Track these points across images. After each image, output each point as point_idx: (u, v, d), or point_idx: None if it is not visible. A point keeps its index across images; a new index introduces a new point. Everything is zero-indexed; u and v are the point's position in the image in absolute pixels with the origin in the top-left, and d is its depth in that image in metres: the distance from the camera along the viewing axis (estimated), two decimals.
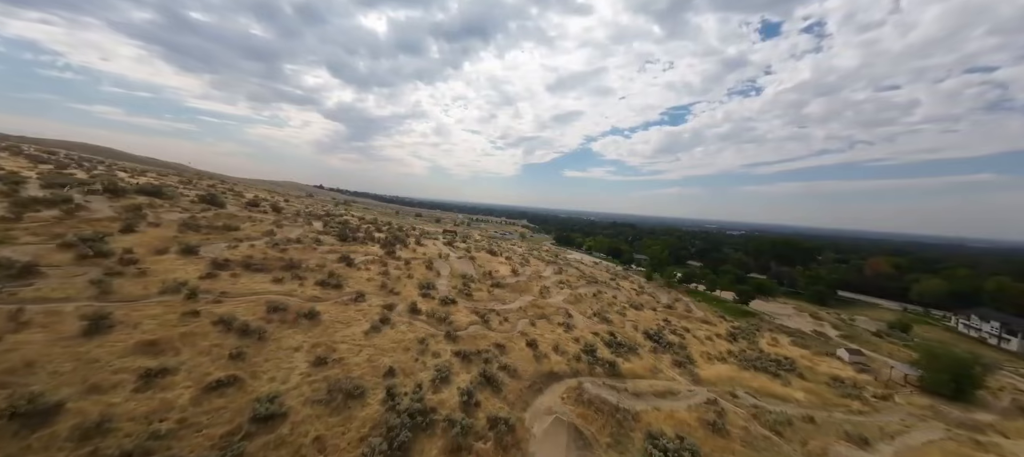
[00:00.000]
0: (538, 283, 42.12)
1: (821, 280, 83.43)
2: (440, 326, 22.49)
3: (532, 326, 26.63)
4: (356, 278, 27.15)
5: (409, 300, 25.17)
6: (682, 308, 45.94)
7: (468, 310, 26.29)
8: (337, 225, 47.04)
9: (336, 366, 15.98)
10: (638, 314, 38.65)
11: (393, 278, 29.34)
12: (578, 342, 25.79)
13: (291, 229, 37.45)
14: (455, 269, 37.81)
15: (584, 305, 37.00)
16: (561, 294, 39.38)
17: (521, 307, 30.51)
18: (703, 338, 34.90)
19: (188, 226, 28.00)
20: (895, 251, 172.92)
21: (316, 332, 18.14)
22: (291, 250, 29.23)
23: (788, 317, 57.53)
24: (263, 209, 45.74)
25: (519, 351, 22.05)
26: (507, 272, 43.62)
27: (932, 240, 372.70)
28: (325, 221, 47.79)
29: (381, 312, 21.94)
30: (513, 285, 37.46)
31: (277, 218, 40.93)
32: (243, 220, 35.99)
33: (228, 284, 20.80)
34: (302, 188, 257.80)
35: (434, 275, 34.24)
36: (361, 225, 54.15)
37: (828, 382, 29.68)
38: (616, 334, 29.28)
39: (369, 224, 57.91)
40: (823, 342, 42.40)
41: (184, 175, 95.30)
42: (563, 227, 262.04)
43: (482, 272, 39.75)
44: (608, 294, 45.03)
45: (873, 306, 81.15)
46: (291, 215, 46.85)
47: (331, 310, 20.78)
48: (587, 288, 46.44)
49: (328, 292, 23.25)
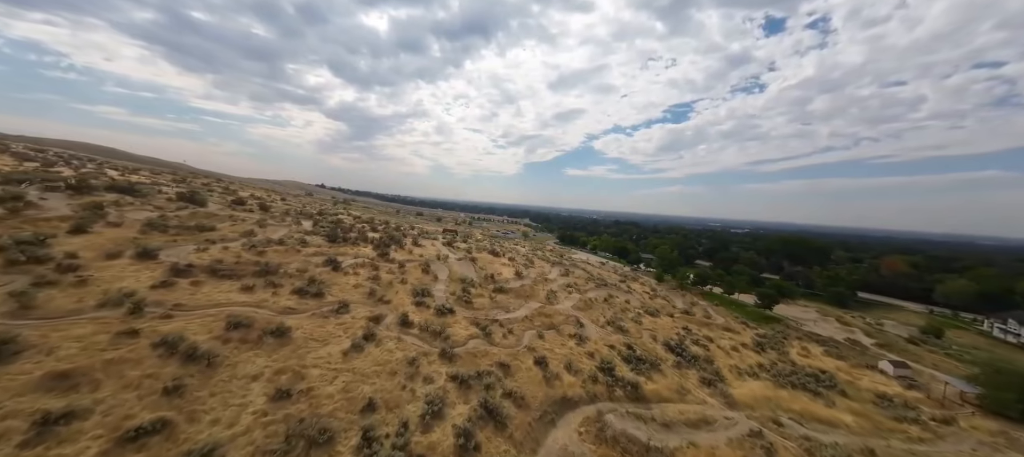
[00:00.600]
0: (544, 287, 39.07)
1: (840, 281, 79.85)
2: (434, 342, 19.49)
3: (540, 339, 23.58)
4: (341, 284, 24.20)
5: (400, 310, 22.19)
6: (700, 314, 42.77)
7: (467, 321, 23.27)
8: (328, 224, 44.16)
9: (302, 400, 13.00)
10: (655, 321, 35.51)
11: (384, 284, 26.38)
12: (593, 358, 22.73)
13: (275, 229, 34.59)
14: (454, 272, 34.82)
15: (595, 312, 33.90)
16: (570, 299, 36.30)
17: (527, 316, 27.47)
18: (728, 349, 31.73)
19: (154, 226, 25.14)
20: (904, 249, 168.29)
21: (283, 354, 15.17)
22: (270, 253, 26.32)
23: (814, 323, 54.13)
24: (249, 207, 42.94)
25: (526, 371, 19.01)
26: (510, 275, 40.61)
27: (939, 238, 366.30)
28: (315, 220, 44.93)
29: (366, 326, 18.96)
30: (517, 290, 34.42)
31: (262, 217, 38.10)
32: (222, 220, 33.16)
33: (186, 294, 17.88)
34: (303, 187, 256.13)
35: (431, 279, 31.26)
36: (355, 224, 51.28)
37: (874, 401, 26.47)
38: (634, 347, 26.18)
39: (364, 223, 55.06)
40: (859, 352, 39.11)
41: (178, 173, 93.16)
42: (566, 226, 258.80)
43: (483, 275, 36.75)
44: (620, 298, 41.91)
45: (897, 308, 77.49)
46: (279, 214, 44.04)
47: (306, 325, 17.82)
48: (597, 292, 43.33)
49: (306, 302, 20.30)
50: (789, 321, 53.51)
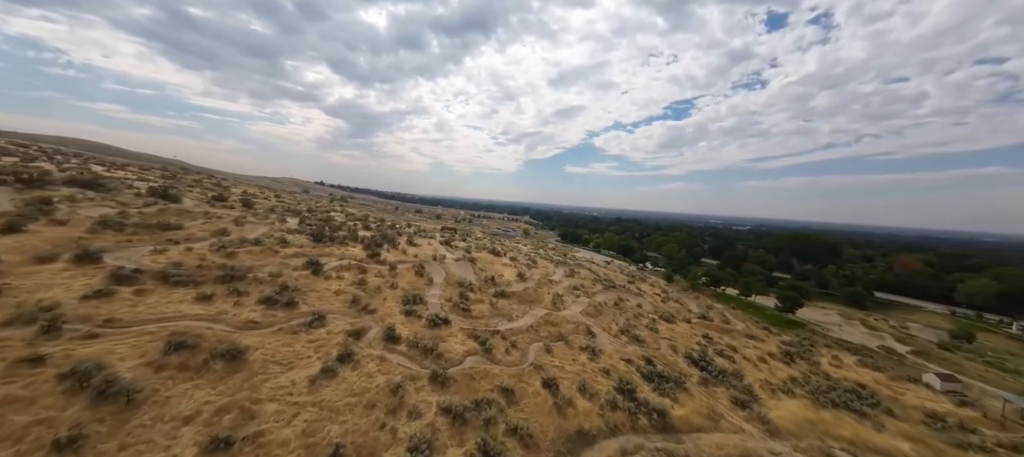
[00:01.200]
0: (549, 290, 36.11)
1: (856, 280, 76.73)
2: (425, 361, 16.56)
3: (548, 354, 20.64)
4: (320, 291, 21.27)
5: (387, 322, 19.27)
6: (718, 318, 39.85)
7: (465, 333, 20.33)
8: (316, 222, 41.26)
9: (247, 449, 10.07)
10: (671, 329, 32.57)
11: (371, 290, 23.45)
12: (609, 376, 19.80)
13: (254, 227, 31.69)
14: (452, 274, 31.88)
15: (607, 318, 30.97)
16: (577, 304, 33.36)
17: (532, 325, 24.53)
18: (755, 360, 28.81)
19: (107, 224, 22.22)
20: (909, 246, 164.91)
21: (233, 383, 12.25)
22: (242, 254, 23.40)
23: (838, 327, 51.13)
24: (230, 204, 40.02)
25: (533, 397, 16.09)
26: (512, 276, 37.64)
27: (941, 235, 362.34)
28: (302, 218, 42.00)
29: (343, 343, 16.04)
30: (520, 294, 31.47)
31: (242, 214, 35.19)
32: (195, 217, 30.25)
33: (124, 307, 14.96)
34: (301, 184, 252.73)
35: (425, 283, 28.31)
36: (346, 222, 48.34)
37: (925, 421, 23.54)
38: (654, 360, 23.25)
39: (357, 221, 52.12)
40: (896, 362, 36.16)
41: (169, 169, 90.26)
42: (567, 223, 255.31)
43: (483, 278, 33.80)
44: (631, 302, 38.96)
45: (916, 309, 74.46)
46: (263, 211, 41.13)
47: (269, 343, 14.89)
48: (606, 294, 40.38)
49: (273, 314, 17.37)
50: (813, 326, 50.52)
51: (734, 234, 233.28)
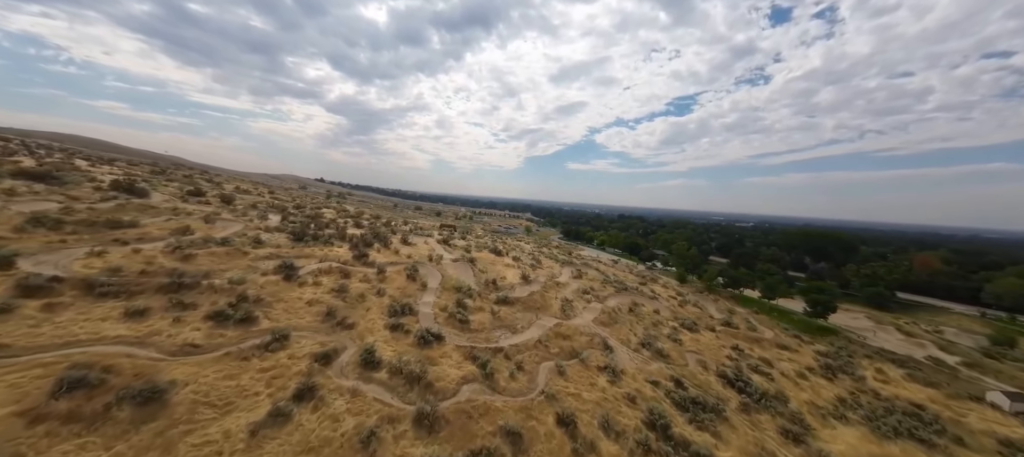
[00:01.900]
0: (557, 294, 32.81)
1: (879, 280, 72.94)
2: (410, 394, 13.29)
3: (560, 377, 17.34)
4: (289, 301, 18.00)
5: (366, 340, 16.00)
6: (743, 325, 36.45)
7: (461, 353, 17.04)
8: (302, 219, 38.05)
9: None
10: (696, 339, 29.20)
11: (352, 298, 20.18)
12: (636, 405, 16.50)
13: (227, 225, 28.46)
14: (448, 278, 28.59)
15: (623, 327, 27.64)
16: (589, 311, 30.04)
17: (540, 338, 21.22)
18: (794, 376, 25.45)
19: (41, 221, 19.01)
20: (916, 243, 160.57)
21: (137, 441, 8.99)
22: (201, 257, 20.15)
23: (872, 333, 47.56)
24: (206, 200, 36.80)
25: (546, 440, 12.82)
26: (516, 279, 34.33)
27: (947, 231, 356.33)
28: (286, 215, 38.77)
29: (306, 372, 12.79)
30: (525, 299, 28.16)
31: (216, 211, 31.97)
32: (160, 213, 27.04)
33: (23, 327, 11.73)
34: (300, 181, 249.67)
35: (417, 288, 25.03)
36: (336, 219, 45.09)
37: (1001, 451, 20.15)
38: (684, 382, 19.92)
39: (348, 218, 48.85)
40: (949, 375, 32.66)
41: (159, 165, 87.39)
42: (569, 220, 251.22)
43: (484, 281, 30.50)
44: (647, 307, 35.59)
45: (942, 311, 70.81)
46: (243, 207, 37.90)
47: (207, 375, 11.63)
48: (618, 298, 37.02)
49: (222, 333, 14.11)
50: (846, 332, 46.95)
51: (744, 232, 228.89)
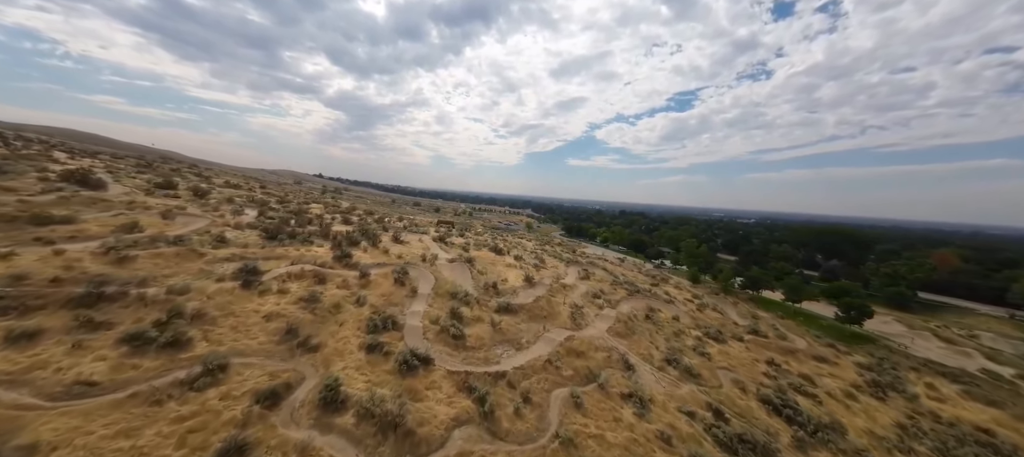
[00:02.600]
0: (564, 298, 29.52)
1: (900, 279, 69.48)
2: (381, 447, 9.98)
3: (577, 410, 14.04)
4: (242, 316, 14.66)
5: (331, 369, 12.69)
6: (772, 333, 33.08)
7: (454, 382, 13.72)
8: (283, 215, 34.70)
9: None
10: (725, 352, 25.85)
11: (324, 310, 16.86)
12: (671, 447, 13.22)
13: (189, 221, 25.11)
14: (443, 281, 25.28)
15: (642, 339, 24.31)
16: (602, 319, 26.73)
17: (549, 357, 17.91)
18: (842, 396, 22.13)
19: None
20: (923, 240, 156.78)
21: None
22: (143, 259, 16.82)
23: (910, 340, 44.04)
24: (175, 193, 33.42)
25: None
26: (519, 281, 31.06)
27: (950, 227, 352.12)
28: (263, 209, 35.42)
29: (240, 421, 9.45)
30: (530, 306, 24.84)
31: (181, 205, 28.61)
32: (111, 207, 23.69)
33: None
34: (298, 176, 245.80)
35: (406, 294, 21.72)
36: (322, 215, 41.72)
37: None
38: (723, 410, 16.62)
39: (337, 214, 45.48)
40: (1010, 391, 29.28)
41: (144, 158, 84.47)
42: (570, 216, 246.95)
43: (483, 284, 27.20)
44: (665, 313, 32.23)
45: (967, 312, 67.43)
46: (217, 201, 34.51)
47: (92, 431, 8.31)
48: (632, 302, 33.69)
49: (137, 363, 10.78)
50: (881, 339, 43.43)
51: (744, 227, 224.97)
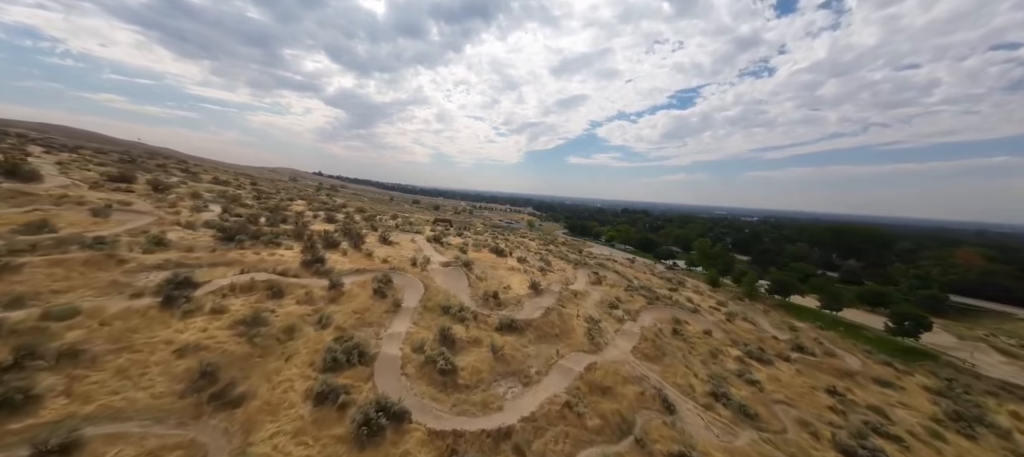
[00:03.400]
0: (576, 309, 25.34)
1: (932, 281, 64.53)
2: None
3: None
4: (144, 351, 10.55)
5: (252, 439, 8.50)
6: (818, 348, 28.83)
7: (434, 452, 9.53)
8: (253, 212, 30.63)
9: None
10: (774, 377, 21.62)
11: (269, 337, 12.75)
12: None
13: (129, 219, 21.02)
14: (434, 291, 21.15)
15: (676, 363, 20.11)
16: (624, 336, 22.55)
17: (568, 400, 13.78)
18: (927, 436, 17.88)
19: None
20: (937, 239, 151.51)
21: None
22: (31, 267, 12.78)
23: (965, 352, 39.45)
24: (129, 187, 29.37)
25: None
26: (523, 288, 26.97)
27: (955, 225, 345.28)
28: (233, 205, 31.37)
29: None
30: (539, 322, 20.68)
31: (126, 199, 24.54)
32: (31, 201, 19.62)
33: None
34: (296, 174, 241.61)
35: (386, 310, 17.61)
36: (304, 212, 37.63)
37: None
38: None
39: (322, 211, 41.36)
40: None
41: (130, 153, 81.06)
42: (571, 214, 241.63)
43: (482, 294, 23.06)
44: (693, 326, 27.99)
45: (1007, 316, 62.90)
46: (177, 197, 30.43)
47: None
48: (653, 312, 29.48)
49: None
50: (944, 354, 38.80)
51: (751, 226, 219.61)
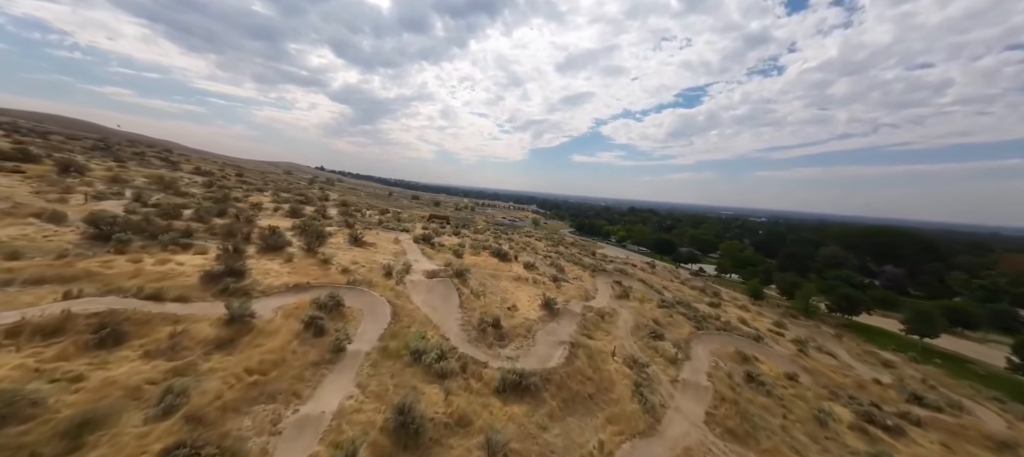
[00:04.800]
0: (610, 343, 18.41)
1: (1002, 294, 55.77)
2: None
3: None
4: None
5: None
6: (936, 397, 21.55)
7: None
8: (178, 204, 23.96)
9: None
10: (893, 451, 14.59)
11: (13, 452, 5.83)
12: None
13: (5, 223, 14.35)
14: (405, 320, 14.33)
15: (777, 444, 13.09)
16: (685, 391, 15.62)
17: None
18: None
19: None
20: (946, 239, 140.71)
21: None
22: None
23: None
24: (17, 167, 22.82)
25: None
26: (534, 308, 20.20)
27: (969, 228, 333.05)
28: (141, 194, 24.73)
29: None
30: (562, 375, 13.81)
31: (38, 188, 17.98)
32: None
33: None
34: (297, 167, 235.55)
35: (313, 363, 10.81)
36: (259, 205, 30.96)
37: None
38: None
39: (284, 204, 34.60)
40: None
41: (106, 141, 76.29)
42: (576, 213, 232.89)
43: (477, 319, 16.23)
44: (769, 366, 20.89)
45: None
46: (81, 184, 23.85)
47: None
48: (707, 343, 22.47)
49: None
50: None
51: (761, 226, 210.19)
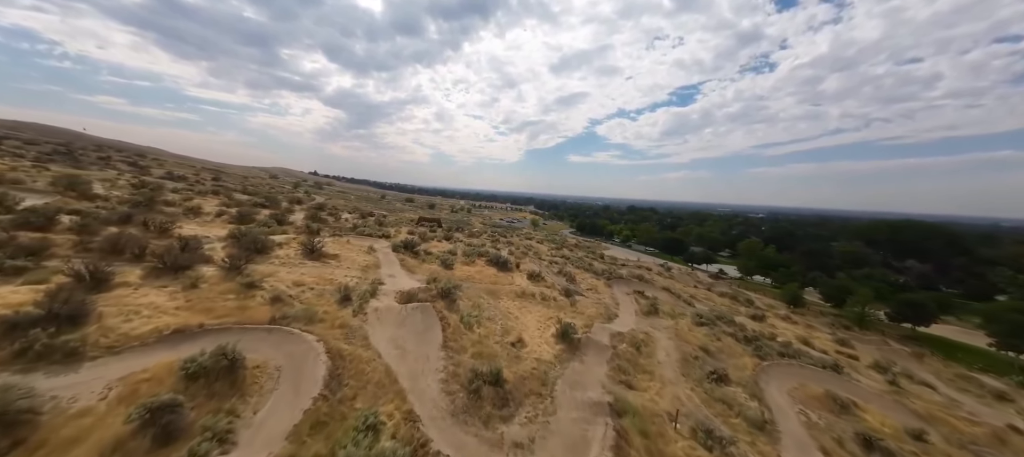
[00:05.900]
0: (664, 397, 12.79)
1: None
2: None
3: None
4: None
5: None
6: None
7: None
8: (76, 210, 18.19)
9: None
10: None
11: None
12: None
13: None
14: (348, 385, 8.58)
15: None
16: None
17: None
18: None
19: None
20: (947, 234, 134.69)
21: None
22: None
23: None
24: None
25: None
26: (547, 343, 14.60)
27: (966, 220, 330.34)
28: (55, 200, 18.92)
29: None
30: None
31: None
32: None
33: None
34: (286, 172, 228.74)
35: None
36: (199, 209, 25.19)
37: None
38: None
39: (234, 207, 28.78)
40: None
41: (69, 147, 71.00)
42: (575, 213, 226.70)
43: (467, 372, 10.55)
44: (883, 418, 15.24)
45: None
46: None
47: None
48: (782, 380, 16.94)
49: None
50: None
51: (761, 222, 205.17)
